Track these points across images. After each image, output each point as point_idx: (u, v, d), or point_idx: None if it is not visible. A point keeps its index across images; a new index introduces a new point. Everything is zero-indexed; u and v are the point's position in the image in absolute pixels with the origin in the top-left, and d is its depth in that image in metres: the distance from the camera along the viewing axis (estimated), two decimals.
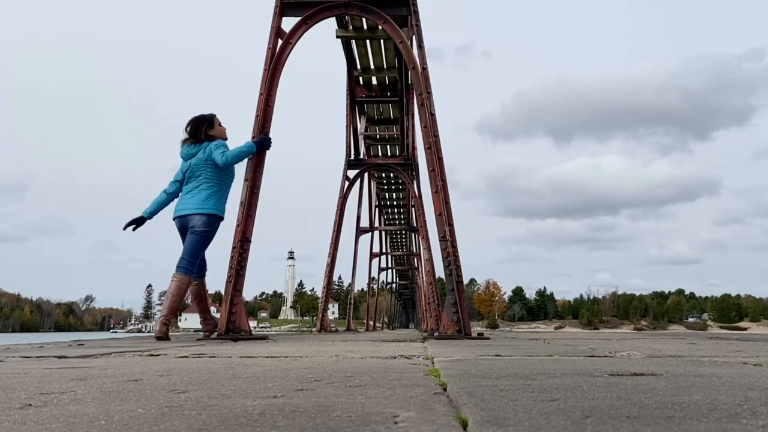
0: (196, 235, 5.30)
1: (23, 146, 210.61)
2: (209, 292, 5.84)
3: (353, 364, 2.18)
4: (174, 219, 5.45)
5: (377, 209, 22.50)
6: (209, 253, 5.58)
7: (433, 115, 6.27)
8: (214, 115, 5.67)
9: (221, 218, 5.46)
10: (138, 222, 5.52)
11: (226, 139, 5.63)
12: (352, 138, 13.88)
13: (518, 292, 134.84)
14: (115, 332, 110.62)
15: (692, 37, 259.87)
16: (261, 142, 5.99)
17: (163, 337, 5.03)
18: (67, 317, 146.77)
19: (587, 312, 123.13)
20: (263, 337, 5.84)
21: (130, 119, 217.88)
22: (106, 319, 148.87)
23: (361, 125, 14.27)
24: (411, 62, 6.53)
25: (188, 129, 5.59)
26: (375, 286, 29.38)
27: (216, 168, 5.41)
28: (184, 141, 5.59)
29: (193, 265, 5.31)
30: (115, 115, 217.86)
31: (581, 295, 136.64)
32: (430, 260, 15.28)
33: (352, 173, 14.46)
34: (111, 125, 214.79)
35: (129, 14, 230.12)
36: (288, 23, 6.62)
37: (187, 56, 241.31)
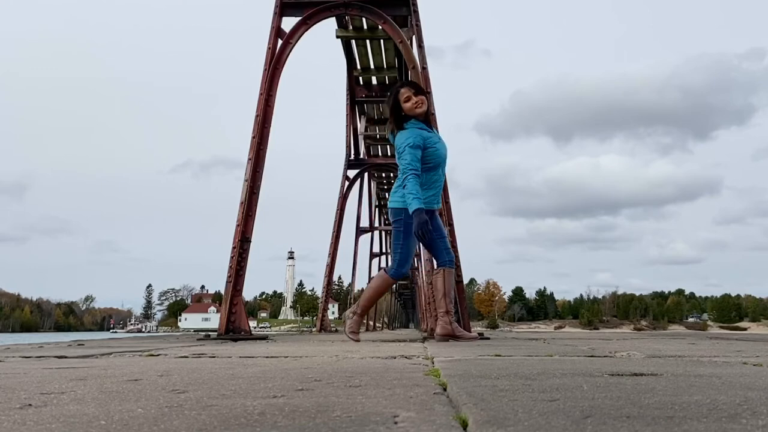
0: None
1: (23, 145, 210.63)
2: (209, 292, 5.81)
3: (353, 364, 2.18)
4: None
5: (377, 209, 22.51)
6: (210, 254, 5.53)
7: (433, 115, 6.27)
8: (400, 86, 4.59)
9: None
10: None
11: (416, 115, 4.51)
12: (352, 138, 13.90)
13: (518, 292, 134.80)
14: (115, 332, 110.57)
15: (692, 36, 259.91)
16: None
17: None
18: (67, 317, 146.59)
19: (587, 312, 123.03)
20: (263, 337, 5.84)
21: (130, 118, 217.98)
22: (106, 319, 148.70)
23: (361, 125, 14.28)
24: (411, 62, 6.53)
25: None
26: None
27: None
28: None
29: None
30: (116, 114, 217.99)
31: (581, 295, 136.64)
32: (430, 260, 15.27)
33: (352, 173, 14.48)
34: (111, 124, 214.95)
35: (129, 11, 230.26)
36: (288, 23, 6.63)
37: (187, 55, 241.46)
